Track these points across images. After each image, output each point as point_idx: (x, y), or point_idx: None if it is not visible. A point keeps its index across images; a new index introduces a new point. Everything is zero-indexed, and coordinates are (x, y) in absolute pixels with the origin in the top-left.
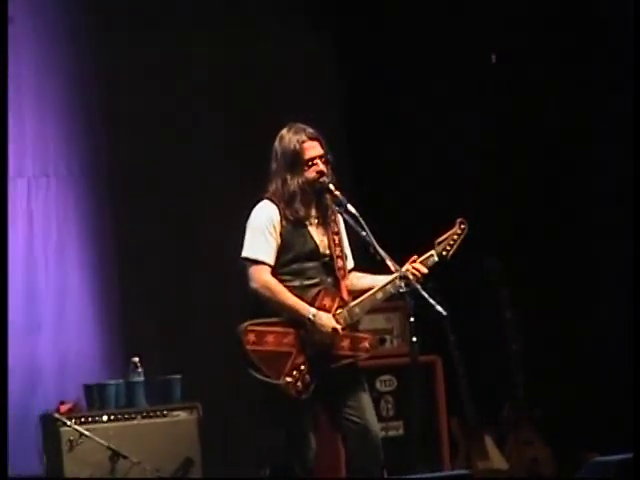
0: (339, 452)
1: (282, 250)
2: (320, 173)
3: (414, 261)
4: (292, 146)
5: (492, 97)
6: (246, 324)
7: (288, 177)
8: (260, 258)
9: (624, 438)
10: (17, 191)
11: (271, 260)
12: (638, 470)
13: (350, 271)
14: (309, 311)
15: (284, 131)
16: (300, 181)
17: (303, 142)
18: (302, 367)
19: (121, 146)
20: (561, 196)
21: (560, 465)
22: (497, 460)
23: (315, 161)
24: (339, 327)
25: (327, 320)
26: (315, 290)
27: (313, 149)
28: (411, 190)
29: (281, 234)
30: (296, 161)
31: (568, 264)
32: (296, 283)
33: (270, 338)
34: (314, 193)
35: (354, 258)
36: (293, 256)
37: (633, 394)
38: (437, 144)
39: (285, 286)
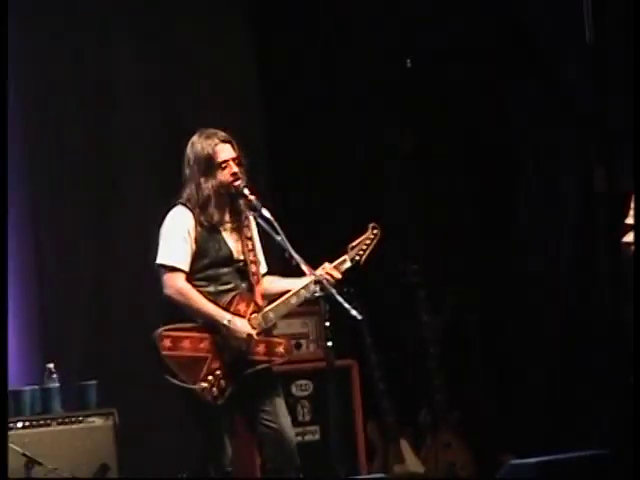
0: (254, 457)
1: (196, 256)
2: (234, 175)
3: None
4: (205, 150)
5: (412, 98)
6: (162, 329)
7: (202, 181)
8: (174, 264)
9: (542, 440)
10: None
11: (185, 266)
12: (638, 470)
13: (264, 276)
14: (224, 317)
15: (195, 137)
16: (214, 184)
17: (215, 145)
18: (218, 372)
19: (40, 143)
20: (487, 197)
21: (479, 468)
22: (413, 463)
23: (228, 163)
24: (254, 332)
25: (242, 325)
26: (230, 295)
27: (226, 151)
28: (328, 194)
29: (195, 240)
30: (209, 164)
31: (487, 265)
32: (211, 289)
33: (186, 343)
34: (228, 197)
35: (268, 262)
36: (208, 262)
37: (633, 394)
38: (358, 146)
39: (199, 292)
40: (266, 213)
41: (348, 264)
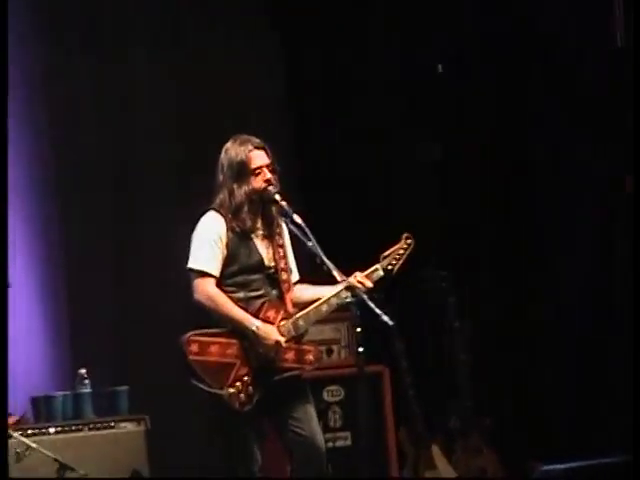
0: (284, 463)
1: (227, 262)
2: (267, 181)
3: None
4: (238, 157)
5: (441, 107)
6: (189, 334)
7: (235, 187)
8: (205, 269)
9: (572, 446)
10: None
11: (216, 272)
12: (638, 470)
13: (295, 283)
14: (252, 323)
15: (229, 143)
16: (247, 190)
17: (249, 151)
18: (245, 378)
19: (68, 148)
20: (513, 202)
21: (508, 474)
22: (444, 469)
23: (262, 170)
24: (282, 339)
25: (270, 332)
26: (259, 302)
27: (259, 158)
28: (360, 201)
29: (227, 245)
30: (242, 170)
31: (520, 274)
32: (240, 295)
33: (213, 348)
34: (260, 203)
35: (299, 269)
36: (238, 268)
37: (633, 396)
38: (387, 154)
39: (229, 297)
40: (297, 219)
41: (380, 273)
